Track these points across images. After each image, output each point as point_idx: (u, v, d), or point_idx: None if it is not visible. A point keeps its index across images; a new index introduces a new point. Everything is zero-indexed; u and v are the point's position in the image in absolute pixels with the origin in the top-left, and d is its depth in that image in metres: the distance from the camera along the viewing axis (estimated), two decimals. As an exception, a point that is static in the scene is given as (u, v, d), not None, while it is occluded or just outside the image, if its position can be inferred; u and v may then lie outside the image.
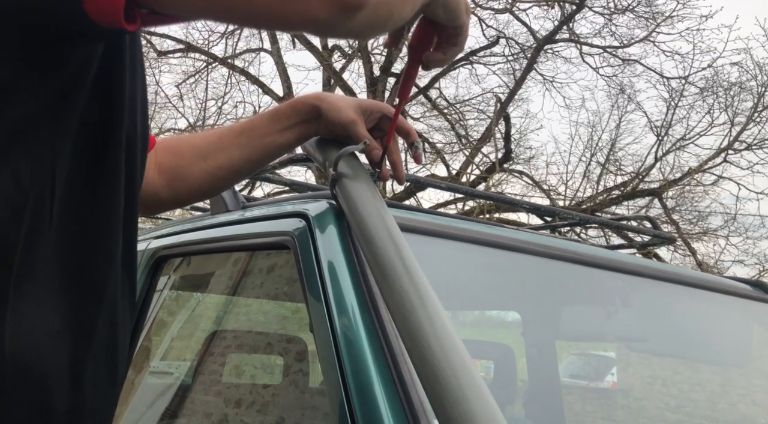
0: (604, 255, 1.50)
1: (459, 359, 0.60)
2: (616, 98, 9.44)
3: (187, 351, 1.86)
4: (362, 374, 0.78)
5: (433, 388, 0.60)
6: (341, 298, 0.86)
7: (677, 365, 1.86)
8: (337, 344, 0.82)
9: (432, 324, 0.63)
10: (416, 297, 0.66)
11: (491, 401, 0.57)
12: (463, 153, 9.56)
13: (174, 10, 0.50)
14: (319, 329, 0.87)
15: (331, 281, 0.88)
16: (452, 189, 1.69)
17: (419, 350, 0.62)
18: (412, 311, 0.64)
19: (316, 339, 0.87)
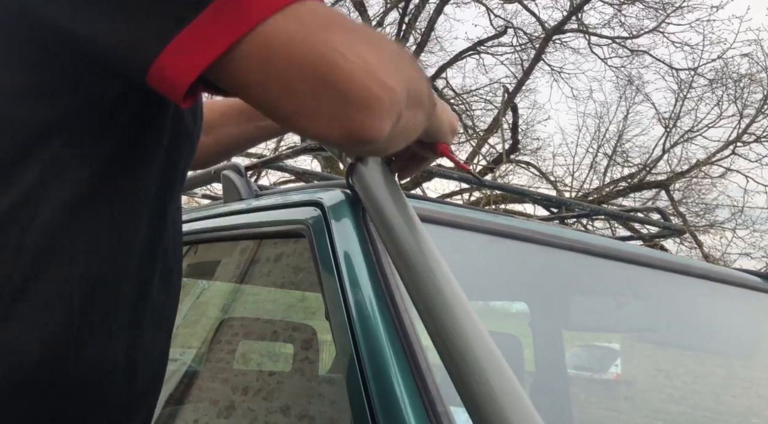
0: (612, 245, 1.50)
1: (483, 341, 0.62)
2: (624, 89, 9.40)
3: (193, 338, 1.87)
4: (379, 362, 0.78)
5: (459, 369, 0.61)
6: (357, 286, 0.87)
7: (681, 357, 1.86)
8: (353, 331, 0.82)
9: (456, 308, 0.64)
10: (440, 281, 0.67)
11: (515, 382, 0.58)
12: (470, 144, 9.54)
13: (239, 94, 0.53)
14: (336, 317, 0.87)
15: (347, 270, 0.89)
16: (463, 179, 1.68)
17: (445, 334, 0.63)
18: (437, 295, 0.65)
19: (332, 327, 0.88)
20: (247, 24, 0.49)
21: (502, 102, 8.82)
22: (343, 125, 0.51)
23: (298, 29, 0.49)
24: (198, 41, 0.49)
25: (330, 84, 0.49)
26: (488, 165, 8.77)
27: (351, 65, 0.50)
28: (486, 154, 9.27)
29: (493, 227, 1.27)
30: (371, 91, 0.50)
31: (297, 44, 0.49)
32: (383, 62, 0.52)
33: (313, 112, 0.51)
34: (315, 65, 0.49)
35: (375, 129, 0.52)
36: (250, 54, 0.49)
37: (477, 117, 9.79)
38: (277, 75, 0.49)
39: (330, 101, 0.50)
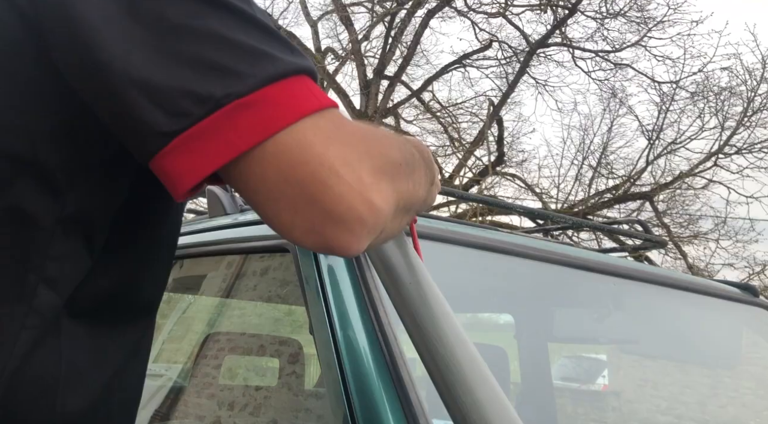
0: (596, 258, 1.51)
1: (469, 352, 0.63)
2: (608, 102, 9.50)
3: (179, 353, 1.86)
4: (362, 375, 0.79)
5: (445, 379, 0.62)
6: (341, 300, 0.88)
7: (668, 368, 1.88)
8: (337, 345, 0.83)
9: (442, 319, 0.65)
10: (426, 293, 0.68)
11: (500, 392, 0.59)
12: (456, 156, 9.59)
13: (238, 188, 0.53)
14: (319, 331, 0.88)
15: (330, 284, 0.90)
16: (446, 192, 1.69)
17: (431, 345, 0.64)
18: (423, 307, 0.66)
19: (315, 341, 0.88)
20: (260, 135, 0.48)
21: (488, 115, 8.88)
22: (319, 239, 0.51)
23: (299, 144, 0.49)
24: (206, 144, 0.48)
25: (317, 202, 0.49)
26: (474, 177, 8.81)
27: (343, 186, 0.49)
28: (472, 167, 9.31)
29: (478, 240, 1.28)
30: (357, 213, 0.50)
31: (294, 159, 0.49)
32: (380, 179, 0.52)
33: (292, 222, 0.51)
34: (305, 183, 0.49)
35: (350, 249, 0.52)
36: (249, 166, 0.49)
37: (463, 129, 9.85)
38: (268, 186, 0.50)
39: (312, 217, 0.50)
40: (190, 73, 0.48)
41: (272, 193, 0.50)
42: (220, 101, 0.48)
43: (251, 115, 0.49)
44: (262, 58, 0.50)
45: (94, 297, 0.57)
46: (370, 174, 0.51)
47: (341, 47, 9.55)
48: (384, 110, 8.98)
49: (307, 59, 0.54)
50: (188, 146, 0.49)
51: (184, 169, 0.49)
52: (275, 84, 0.50)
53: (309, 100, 0.51)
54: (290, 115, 0.50)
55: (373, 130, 0.58)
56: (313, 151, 0.49)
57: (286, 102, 0.50)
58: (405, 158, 0.59)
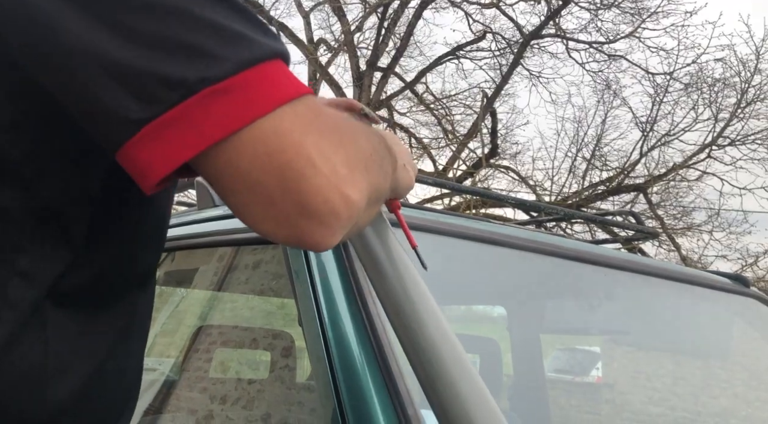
0: (588, 250, 1.52)
1: (450, 345, 0.63)
2: (602, 94, 9.50)
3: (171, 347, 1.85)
4: (351, 367, 0.79)
5: (426, 372, 0.62)
6: (330, 292, 0.88)
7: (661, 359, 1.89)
8: (326, 337, 0.83)
9: (423, 312, 0.65)
10: (408, 285, 0.68)
11: (481, 383, 0.60)
12: (449, 148, 9.59)
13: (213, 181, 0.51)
14: (308, 323, 0.88)
15: (319, 276, 0.90)
16: (439, 184, 1.69)
17: (413, 337, 0.64)
18: (405, 300, 0.66)
19: (304, 333, 0.88)
20: (237, 123, 0.47)
21: (482, 107, 8.87)
22: (291, 232, 0.50)
23: (277, 133, 0.48)
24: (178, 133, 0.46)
25: (292, 193, 0.48)
26: (468, 169, 8.82)
27: (319, 178, 0.48)
28: (466, 159, 9.32)
29: (471, 232, 1.28)
30: (332, 206, 0.49)
31: (271, 148, 0.47)
32: (354, 170, 0.51)
33: (264, 214, 0.49)
34: (282, 172, 0.48)
35: (323, 243, 0.51)
36: (223, 155, 0.47)
37: (457, 122, 9.84)
38: (243, 175, 0.48)
39: (286, 208, 0.49)
40: (161, 56, 0.46)
41: (247, 183, 0.48)
42: (194, 86, 0.46)
43: (227, 102, 0.47)
44: (238, 40, 0.48)
45: (79, 287, 0.56)
46: (345, 165, 0.50)
47: (334, 39, 9.52)
48: (377, 102, 8.97)
49: (281, 41, 0.52)
50: (159, 135, 0.46)
51: (153, 159, 0.47)
52: (252, 69, 0.48)
53: (287, 86, 0.50)
54: (268, 102, 0.48)
55: (344, 118, 0.57)
56: (290, 140, 0.48)
57: (264, 88, 0.48)
58: (374, 147, 0.58)
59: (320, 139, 0.49)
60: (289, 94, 0.49)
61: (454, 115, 9.86)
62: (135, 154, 0.47)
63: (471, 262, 1.37)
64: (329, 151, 0.49)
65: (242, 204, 0.50)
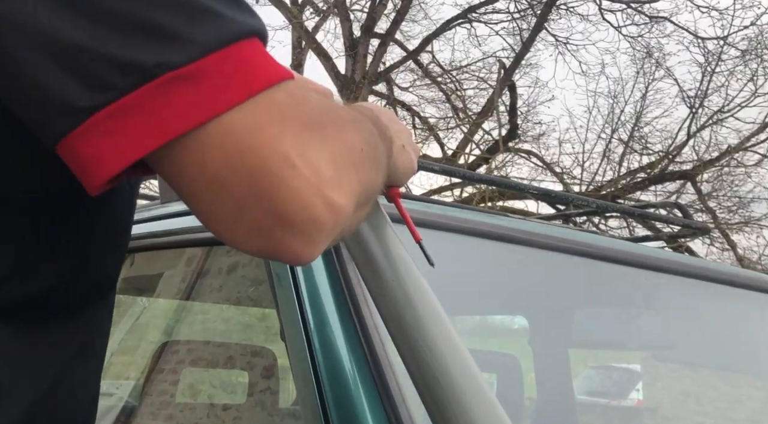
0: (625, 249, 1.52)
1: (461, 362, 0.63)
2: (642, 63, 9.50)
3: (131, 368, 1.86)
4: (343, 390, 0.79)
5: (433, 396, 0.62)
6: (318, 300, 0.88)
7: (713, 379, 1.89)
8: (313, 354, 0.83)
9: (430, 322, 0.65)
10: (411, 291, 0.68)
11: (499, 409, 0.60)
12: (460, 129, 9.59)
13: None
14: (292, 337, 0.88)
15: (305, 281, 0.90)
16: (447, 172, 1.69)
17: (416, 353, 0.64)
18: (407, 308, 0.66)
19: (288, 349, 0.88)
20: (202, 116, 0.47)
21: (498, 80, 8.87)
22: (265, 244, 0.50)
23: (250, 126, 0.47)
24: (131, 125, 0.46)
25: (266, 198, 0.48)
26: (482, 155, 8.83)
27: (299, 181, 0.48)
28: (480, 142, 9.32)
29: (486, 228, 1.28)
30: (314, 214, 0.49)
31: (243, 144, 0.47)
32: (343, 169, 0.51)
33: (234, 222, 0.49)
34: (255, 173, 0.47)
35: (302, 256, 0.51)
36: (186, 151, 0.47)
37: (468, 98, 9.84)
38: (209, 176, 0.48)
39: (259, 216, 0.48)
40: (113, 35, 0.46)
41: (213, 186, 0.48)
42: (152, 71, 0.46)
43: (192, 90, 0.47)
44: (204, 17, 0.48)
45: (24, 301, 0.57)
46: (330, 165, 0.50)
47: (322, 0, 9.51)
48: (374, 75, 8.97)
49: (258, 16, 0.52)
50: (108, 126, 0.46)
51: (101, 154, 0.46)
52: (222, 50, 0.48)
53: (263, 70, 0.50)
54: (241, 90, 0.48)
55: (331, 106, 0.57)
56: (266, 135, 0.48)
57: (236, 73, 0.48)
58: (365, 139, 0.58)
59: (302, 134, 0.49)
60: (267, 80, 0.49)
61: (465, 90, 9.87)
62: (79, 147, 0.47)
63: (486, 264, 1.37)
64: (312, 148, 0.49)
65: (207, 210, 0.50)
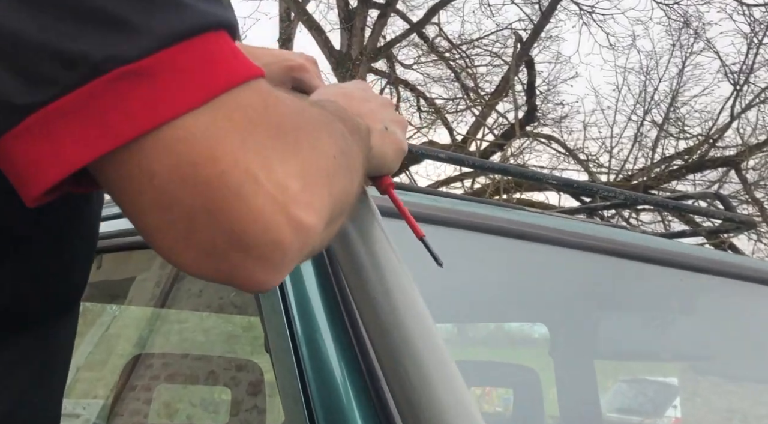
0: (659, 246, 1.52)
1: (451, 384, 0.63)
2: (679, 34, 9.49)
3: (99, 384, 1.86)
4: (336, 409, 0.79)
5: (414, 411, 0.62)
6: (307, 307, 0.88)
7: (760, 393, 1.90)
8: (302, 368, 0.83)
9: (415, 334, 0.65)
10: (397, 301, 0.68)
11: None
12: (471, 112, 9.59)
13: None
14: (278, 348, 0.88)
15: (293, 286, 0.90)
16: (455, 160, 1.68)
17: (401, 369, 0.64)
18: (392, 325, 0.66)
19: (273, 363, 0.88)
20: (155, 118, 0.46)
21: (514, 55, 8.86)
22: (220, 269, 0.49)
23: (208, 132, 0.47)
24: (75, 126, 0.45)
25: (222, 216, 0.47)
26: (497, 140, 8.83)
27: (261, 198, 0.48)
28: (493, 126, 9.33)
29: (500, 224, 1.28)
30: (278, 236, 0.48)
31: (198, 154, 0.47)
32: (312, 182, 0.51)
33: (184, 242, 0.48)
34: (210, 188, 0.47)
35: (264, 282, 0.51)
36: (132, 159, 0.46)
37: (480, 76, 9.84)
38: (157, 188, 0.47)
39: (213, 237, 0.48)
40: (57, 23, 0.46)
41: (162, 201, 0.47)
42: (100, 66, 0.45)
43: (144, 89, 0.46)
44: (163, 5, 0.47)
45: None
46: (299, 178, 0.50)
47: (314, -34, 9.50)
48: (373, 51, 8.96)
49: (227, 6, 0.52)
50: (49, 128, 0.45)
51: (40, 159, 0.46)
52: (181, 44, 0.47)
53: (229, 68, 0.49)
54: (201, 90, 0.47)
55: (302, 107, 0.57)
56: (226, 144, 0.47)
57: (197, 71, 0.48)
58: (338, 145, 0.58)
59: (268, 143, 0.49)
60: (232, 79, 0.49)
61: (477, 67, 9.86)
62: (16, 151, 0.46)
63: (500, 265, 1.37)
64: (279, 159, 0.49)
65: (154, 227, 0.49)
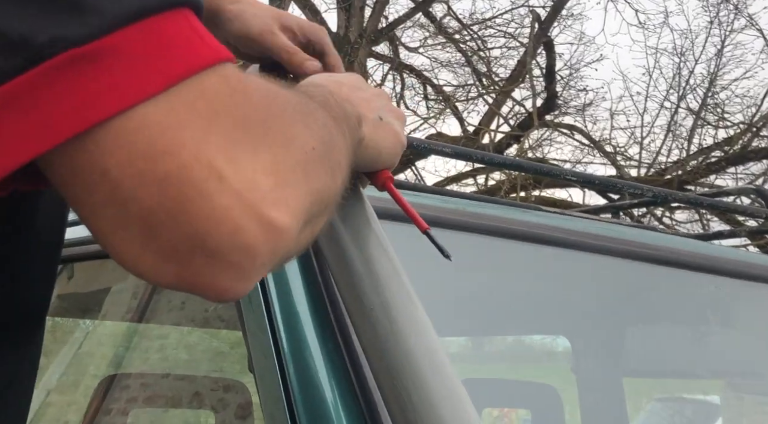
0: (694, 249, 1.52)
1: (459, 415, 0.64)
2: (717, 10, 9.47)
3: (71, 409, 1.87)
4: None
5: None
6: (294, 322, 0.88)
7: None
8: (289, 389, 0.83)
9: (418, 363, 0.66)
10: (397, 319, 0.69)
11: None
12: (484, 100, 9.57)
13: None
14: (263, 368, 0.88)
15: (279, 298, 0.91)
16: (460, 155, 1.63)
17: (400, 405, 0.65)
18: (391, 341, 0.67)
19: (258, 384, 0.89)
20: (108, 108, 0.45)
21: (532, 36, 8.85)
22: (181, 275, 0.49)
23: (166, 123, 0.46)
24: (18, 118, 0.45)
25: (184, 220, 0.47)
26: (512, 131, 8.81)
27: (227, 196, 0.47)
28: (509, 116, 9.30)
29: (515, 227, 1.28)
30: (246, 240, 0.48)
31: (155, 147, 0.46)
32: (287, 178, 0.51)
33: (141, 246, 0.48)
34: (170, 185, 0.46)
35: (230, 291, 0.50)
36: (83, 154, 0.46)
37: (494, 60, 9.81)
38: (110, 186, 0.46)
39: (174, 239, 0.47)
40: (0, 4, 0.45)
41: (115, 198, 0.47)
42: (44, 50, 0.45)
43: (95, 75, 0.46)
44: None
45: None
46: (270, 173, 0.50)
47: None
48: (374, 33, 8.96)
49: None
50: None
51: None
52: (138, 24, 0.47)
53: (192, 51, 0.49)
54: (159, 76, 0.47)
55: (277, 93, 0.56)
56: (186, 135, 0.47)
57: (155, 55, 0.47)
58: (318, 136, 0.57)
59: (235, 134, 0.49)
60: (195, 63, 0.48)
61: (490, 49, 9.85)
62: None
63: (515, 272, 1.37)
64: (247, 153, 0.49)
65: (108, 229, 0.48)
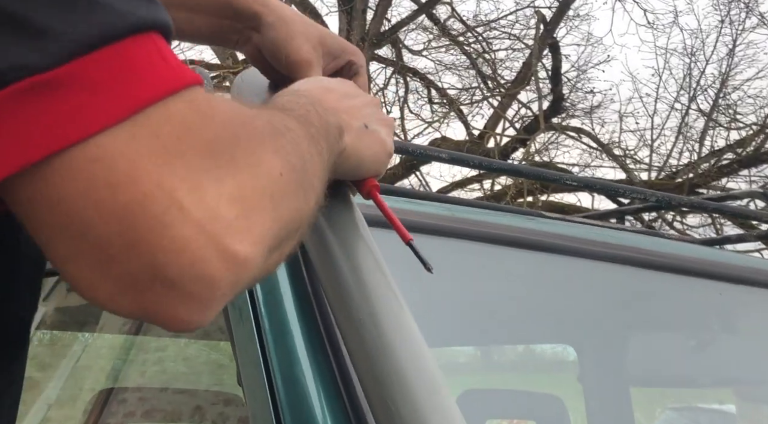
0: (702, 256, 1.52)
1: None
2: (728, 9, 9.45)
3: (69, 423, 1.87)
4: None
5: None
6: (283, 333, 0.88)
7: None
8: (277, 404, 0.83)
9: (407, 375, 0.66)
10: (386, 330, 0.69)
11: None
12: (488, 103, 9.57)
13: None
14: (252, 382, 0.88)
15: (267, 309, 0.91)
16: (457, 161, 1.60)
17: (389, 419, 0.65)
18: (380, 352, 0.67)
19: (246, 397, 0.89)
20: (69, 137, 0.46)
21: (537, 38, 8.85)
22: (139, 305, 0.49)
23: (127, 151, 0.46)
24: None
25: (143, 250, 0.47)
26: (518, 135, 8.81)
27: (188, 227, 0.48)
28: (514, 119, 9.30)
29: (518, 235, 1.28)
30: (207, 271, 0.48)
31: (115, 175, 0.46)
32: (250, 207, 0.51)
33: (100, 275, 0.48)
34: (129, 214, 0.47)
35: (189, 322, 0.51)
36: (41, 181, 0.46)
37: (499, 62, 9.82)
38: (68, 215, 0.47)
39: (132, 269, 0.48)
40: None
41: (74, 228, 0.47)
42: (4, 77, 0.45)
43: (56, 103, 0.46)
44: (79, 5, 0.47)
45: None
46: (234, 202, 0.50)
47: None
48: (376, 36, 8.97)
49: (159, 5, 0.51)
50: None
51: None
52: (101, 50, 0.47)
53: (157, 76, 0.49)
54: (122, 104, 0.47)
55: (246, 116, 0.57)
56: (148, 163, 0.47)
57: (118, 81, 0.47)
58: (287, 160, 0.57)
59: (199, 162, 0.49)
60: (159, 90, 0.49)
61: (495, 51, 9.85)
62: None
63: (518, 280, 1.37)
64: (210, 182, 0.49)
65: (65, 258, 0.49)
